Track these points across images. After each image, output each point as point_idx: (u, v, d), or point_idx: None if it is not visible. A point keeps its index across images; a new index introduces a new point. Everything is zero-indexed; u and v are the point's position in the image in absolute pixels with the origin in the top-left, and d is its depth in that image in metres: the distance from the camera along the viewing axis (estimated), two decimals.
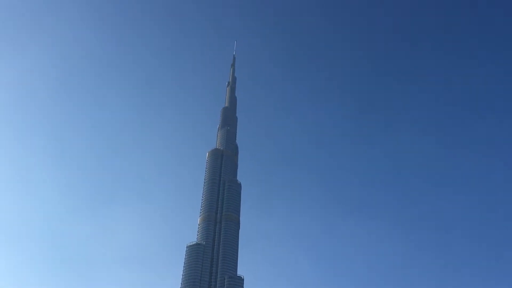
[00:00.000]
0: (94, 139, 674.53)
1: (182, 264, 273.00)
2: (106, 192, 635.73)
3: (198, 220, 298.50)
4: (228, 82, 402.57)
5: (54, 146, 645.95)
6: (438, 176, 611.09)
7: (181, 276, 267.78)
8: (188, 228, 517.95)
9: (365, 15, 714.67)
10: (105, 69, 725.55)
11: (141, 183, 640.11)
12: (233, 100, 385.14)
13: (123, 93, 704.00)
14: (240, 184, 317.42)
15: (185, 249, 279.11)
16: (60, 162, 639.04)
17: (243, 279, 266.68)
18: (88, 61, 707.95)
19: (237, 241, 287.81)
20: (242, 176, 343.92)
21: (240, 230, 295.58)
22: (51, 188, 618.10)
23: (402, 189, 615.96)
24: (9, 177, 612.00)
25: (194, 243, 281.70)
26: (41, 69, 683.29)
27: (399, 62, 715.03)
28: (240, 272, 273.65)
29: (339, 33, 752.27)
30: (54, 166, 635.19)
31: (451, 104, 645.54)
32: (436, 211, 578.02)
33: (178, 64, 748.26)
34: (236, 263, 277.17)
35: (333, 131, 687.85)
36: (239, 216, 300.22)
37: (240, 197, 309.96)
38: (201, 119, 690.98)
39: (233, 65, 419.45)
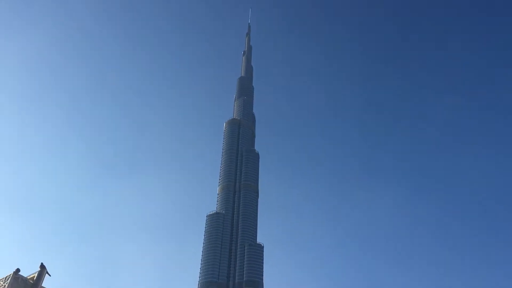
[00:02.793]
0: (113, 111, 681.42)
1: (203, 233, 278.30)
2: (127, 162, 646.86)
3: (217, 189, 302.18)
4: (244, 51, 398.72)
5: (73, 117, 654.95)
6: (455, 145, 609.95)
7: (202, 244, 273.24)
8: (208, 198, 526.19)
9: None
10: (121, 40, 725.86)
11: (160, 154, 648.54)
12: (249, 69, 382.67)
13: (139, 65, 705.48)
14: (258, 154, 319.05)
15: (205, 218, 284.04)
16: (81, 133, 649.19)
17: (263, 247, 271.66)
18: (106, 38, 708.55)
19: (256, 210, 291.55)
20: (259, 145, 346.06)
21: (259, 199, 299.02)
22: (73, 158, 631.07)
23: (419, 157, 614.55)
24: (31, 147, 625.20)
25: (214, 212, 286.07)
26: (58, 44, 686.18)
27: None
28: (259, 240, 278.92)
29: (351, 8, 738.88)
30: (75, 137, 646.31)
31: (455, 100, 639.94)
32: (450, 177, 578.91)
33: (192, 34, 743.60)
34: (256, 231, 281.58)
35: (351, 99, 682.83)
36: (257, 185, 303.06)
37: (258, 166, 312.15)
38: (217, 89, 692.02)
39: (248, 34, 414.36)
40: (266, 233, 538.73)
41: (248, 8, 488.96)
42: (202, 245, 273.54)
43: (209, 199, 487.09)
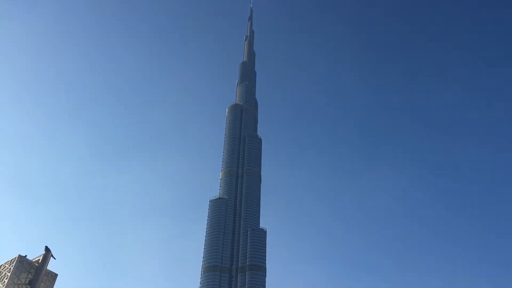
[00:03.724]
0: (115, 97, 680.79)
1: (206, 218, 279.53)
2: (130, 149, 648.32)
3: (220, 175, 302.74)
4: (246, 36, 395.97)
5: (79, 101, 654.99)
6: (457, 130, 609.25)
7: (205, 229, 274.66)
8: (210, 183, 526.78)
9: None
10: (123, 29, 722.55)
11: (163, 140, 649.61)
12: (251, 54, 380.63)
13: (139, 51, 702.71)
14: (260, 139, 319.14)
15: (208, 203, 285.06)
16: (87, 118, 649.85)
17: (265, 231, 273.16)
18: (111, 32, 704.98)
19: (259, 195, 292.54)
20: (262, 130, 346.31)
21: (261, 184, 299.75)
22: (80, 142, 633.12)
23: (420, 142, 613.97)
24: (36, 137, 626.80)
25: (217, 197, 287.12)
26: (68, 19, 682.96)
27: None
28: (262, 224, 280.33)
29: None
30: (82, 121, 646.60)
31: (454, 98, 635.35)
32: (450, 169, 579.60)
33: (194, 19, 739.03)
34: (259, 216, 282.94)
35: (353, 86, 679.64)
36: (260, 170, 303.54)
37: (260, 151, 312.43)
38: (219, 75, 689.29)
39: (250, 18, 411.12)
40: (269, 218, 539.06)
41: None
42: (205, 230, 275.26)
43: (212, 184, 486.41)
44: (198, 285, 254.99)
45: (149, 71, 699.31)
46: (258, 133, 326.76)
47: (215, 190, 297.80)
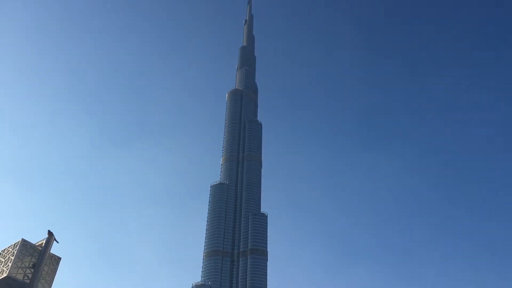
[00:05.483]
0: (117, 83, 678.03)
1: (207, 203, 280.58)
2: (132, 134, 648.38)
3: (221, 160, 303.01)
4: (245, 20, 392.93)
5: (79, 88, 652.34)
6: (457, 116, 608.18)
7: (206, 214, 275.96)
8: (211, 168, 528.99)
9: None
10: (125, 12, 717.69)
11: (163, 125, 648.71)
12: (250, 38, 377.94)
13: (141, 34, 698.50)
14: (260, 124, 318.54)
15: (209, 188, 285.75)
16: (86, 105, 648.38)
17: (266, 216, 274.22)
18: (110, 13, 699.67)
19: (260, 180, 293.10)
20: (262, 115, 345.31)
21: (262, 169, 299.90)
22: (80, 130, 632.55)
23: (418, 129, 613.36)
24: (39, 119, 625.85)
25: (217, 182, 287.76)
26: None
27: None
28: (263, 209, 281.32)
29: None
30: (81, 109, 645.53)
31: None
32: (451, 152, 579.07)
33: (192, 2, 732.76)
34: (260, 201, 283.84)
35: (354, 67, 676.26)
36: (260, 155, 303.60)
37: (261, 136, 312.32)
38: (219, 59, 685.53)
39: (249, 2, 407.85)
40: (270, 203, 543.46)
41: None
42: (206, 215, 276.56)
43: (212, 169, 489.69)
44: (200, 269, 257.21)
45: (148, 57, 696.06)
46: (258, 118, 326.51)
47: (216, 175, 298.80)
